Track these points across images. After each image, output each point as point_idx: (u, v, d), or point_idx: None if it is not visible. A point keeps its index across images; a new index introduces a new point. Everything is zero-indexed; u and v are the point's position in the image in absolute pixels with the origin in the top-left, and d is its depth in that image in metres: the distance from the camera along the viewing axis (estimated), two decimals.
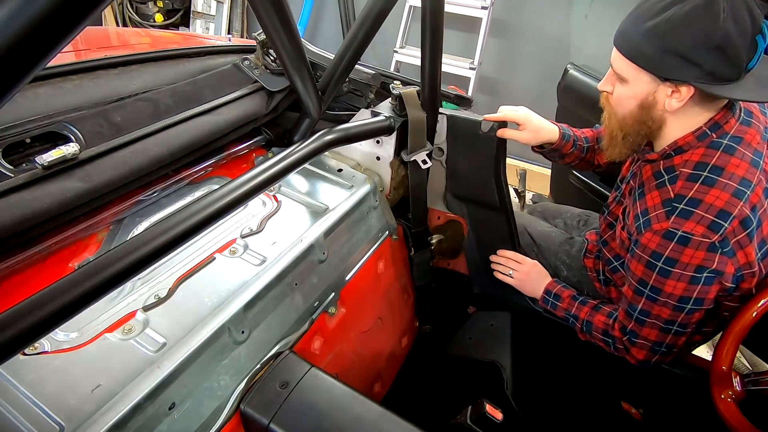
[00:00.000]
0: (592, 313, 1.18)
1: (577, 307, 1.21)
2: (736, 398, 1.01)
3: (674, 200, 0.89)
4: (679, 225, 0.87)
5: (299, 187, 1.20)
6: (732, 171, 0.88)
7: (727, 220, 0.85)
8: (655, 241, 0.91)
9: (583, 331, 1.20)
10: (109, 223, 1.00)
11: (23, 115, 0.92)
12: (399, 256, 1.43)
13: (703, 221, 0.86)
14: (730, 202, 0.86)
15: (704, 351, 2.27)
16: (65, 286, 0.56)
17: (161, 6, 4.10)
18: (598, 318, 1.16)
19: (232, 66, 1.31)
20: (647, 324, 1.00)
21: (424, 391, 1.49)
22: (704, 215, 0.86)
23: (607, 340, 1.13)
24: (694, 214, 0.87)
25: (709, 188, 0.87)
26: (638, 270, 0.97)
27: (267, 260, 0.95)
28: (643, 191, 0.98)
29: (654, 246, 0.91)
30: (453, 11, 2.99)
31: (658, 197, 0.93)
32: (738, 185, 0.87)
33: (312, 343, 1.04)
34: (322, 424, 0.81)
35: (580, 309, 1.20)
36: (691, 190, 0.88)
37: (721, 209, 0.86)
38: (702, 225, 0.86)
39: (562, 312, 1.25)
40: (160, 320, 0.80)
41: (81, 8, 0.33)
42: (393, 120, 1.22)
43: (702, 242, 0.86)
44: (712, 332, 1.16)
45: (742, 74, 0.84)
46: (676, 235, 0.88)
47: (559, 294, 1.26)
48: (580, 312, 1.20)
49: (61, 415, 0.64)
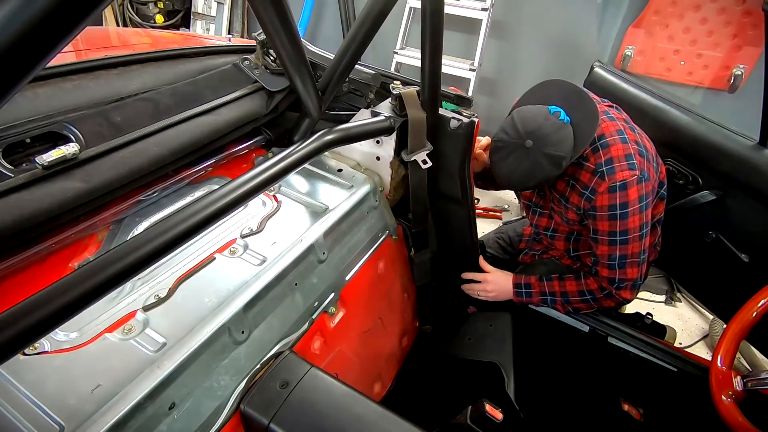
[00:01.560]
0: (562, 283, 1.36)
1: (547, 284, 1.37)
2: (736, 398, 1.01)
3: (597, 168, 1.17)
4: (614, 179, 1.15)
5: (299, 187, 1.20)
6: (606, 131, 1.19)
7: (633, 158, 1.15)
8: (606, 197, 1.16)
9: (563, 303, 1.36)
10: (109, 223, 1.00)
11: (23, 115, 0.92)
12: (399, 256, 1.43)
13: (623, 167, 1.14)
14: (624, 147, 1.16)
15: (704, 351, 2.27)
16: (65, 286, 0.56)
17: (162, 7, 4.10)
18: (569, 285, 1.35)
19: (232, 66, 1.31)
20: (627, 265, 1.23)
21: (424, 391, 1.49)
22: (621, 164, 1.15)
23: (585, 298, 1.33)
24: (616, 167, 1.15)
25: (608, 148, 1.17)
26: (604, 226, 1.20)
27: (267, 260, 0.95)
28: (571, 182, 1.25)
29: (607, 202, 1.17)
30: (453, 13, 3.00)
31: (586, 174, 1.20)
32: (617, 135, 1.18)
33: (312, 343, 1.04)
34: (322, 424, 0.81)
35: (551, 285, 1.37)
36: (600, 158, 1.17)
37: (626, 154, 1.15)
38: (626, 170, 1.14)
39: (538, 297, 1.39)
40: (160, 320, 0.80)
41: (81, 8, 0.33)
42: (393, 120, 1.22)
43: (632, 180, 1.14)
44: (655, 245, 1.45)
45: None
46: (617, 186, 1.14)
47: (528, 282, 1.40)
48: (552, 287, 1.37)
49: (61, 415, 0.64)
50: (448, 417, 1.30)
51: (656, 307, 2.46)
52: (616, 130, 1.20)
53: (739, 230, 1.48)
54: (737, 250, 1.46)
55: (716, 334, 2.29)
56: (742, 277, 1.49)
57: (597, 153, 1.18)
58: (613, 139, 1.18)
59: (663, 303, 2.51)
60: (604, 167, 1.17)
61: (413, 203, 1.35)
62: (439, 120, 1.28)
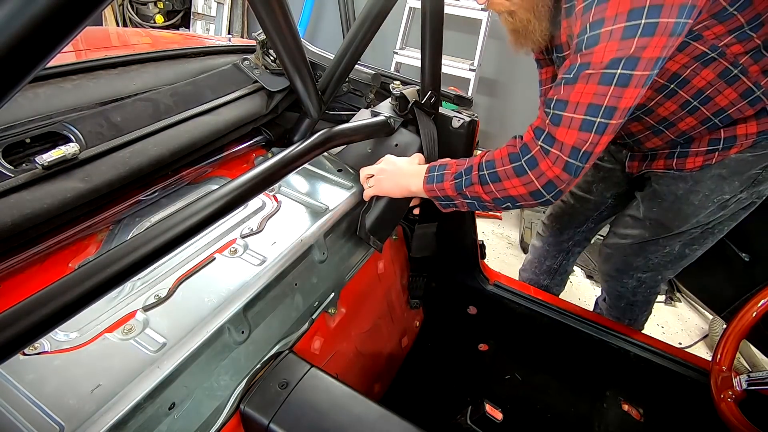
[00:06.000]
0: (489, 153, 1.00)
1: (468, 160, 1.03)
2: (736, 398, 1.01)
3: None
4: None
5: (299, 187, 1.20)
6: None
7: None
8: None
9: (486, 180, 0.98)
10: (109, 223, 1.00)
11: (23, 115, 0.92)
12: (399, 256, 1.43)
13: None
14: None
15: (704, 351, 2.27)
16: (65, 286, 0.56)
17: (162, 7, 4.10)
18: (498, 150, 0.98)
19: (232, 66, 1.31)
20: (563, 120, 0.86)
21: (424, 391, 1.50)
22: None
23: (518, 164, 0.93)
24: None
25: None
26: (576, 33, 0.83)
27: (267, 260, 0.95)
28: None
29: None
30: (453, 13, 3.00)
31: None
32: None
33: (312, 343, 1.04)
34: (322, 424, 0.81)
35: (471, 160, 1.02)
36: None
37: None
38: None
39: (451, 178, 1.03)
40: (160, 320, 0.80)
41: (81, 8, 0.33)
42: (393, 120, 1.22)
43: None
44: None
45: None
46: None
47: (444, 163, 1.07)
48: (473, 160, 1.01)
49: (61, 415, 0.64)
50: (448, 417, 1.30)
51: (656, 307, 2.46)
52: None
53: (740, 230, 1.49)
54: (738, 250, 1.47)
55: (716, 334, 2.29)
56: (742, 276, 1.49)
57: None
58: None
59: (663, 303, 2.51)
60: None
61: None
62: (440, 120, 1.28)
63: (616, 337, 1.45)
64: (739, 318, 1.04)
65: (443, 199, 1.07)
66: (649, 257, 1.42)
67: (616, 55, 0.79)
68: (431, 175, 1.06)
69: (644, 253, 1.42)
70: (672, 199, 1.28)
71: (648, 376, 1.41)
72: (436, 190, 1.06)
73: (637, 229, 1.41)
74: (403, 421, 0.82)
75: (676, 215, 1.29)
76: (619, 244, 1.48)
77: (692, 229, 1.30)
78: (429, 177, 1.07)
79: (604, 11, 0.78)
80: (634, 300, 1.58)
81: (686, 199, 1.25)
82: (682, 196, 1.25)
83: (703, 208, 1.24)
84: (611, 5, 0.77)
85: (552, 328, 1.52)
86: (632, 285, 1.52)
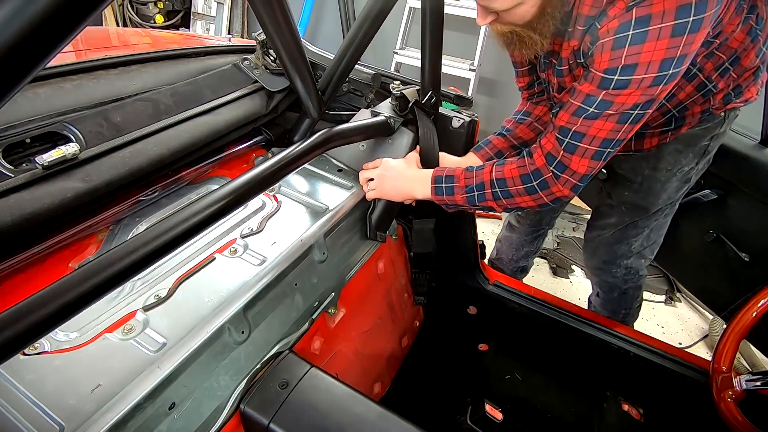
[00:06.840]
0: (497, 169, 1.03)
1: (476, 174, 1.05)
2: (736, 398, 1.01)
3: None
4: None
5: (299, 187, 1.20)
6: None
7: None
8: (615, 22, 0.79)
9: (498, 197, 1.04)
10: (109, 223, 1.00)
11: (23, 115, 0.92)
12: (399, 256, 1.43)
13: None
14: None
15: (704, 351, 2.27)
16: (65, 286, 0.56)
17: (162, 7, 4.11)
18: (507, 169, 1.02)
19: (232, 66, 1.31)
20: (578, 150, 0.92)
21: (424, 391, 1.50)
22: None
23: (530, 185, 1.00)
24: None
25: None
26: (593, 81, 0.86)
27: (267, 260, 0.95)
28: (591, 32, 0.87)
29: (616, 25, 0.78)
30: (453, 13, 3.00)
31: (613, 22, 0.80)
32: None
33: (312, 343, 1.05)
34: (322, 424, 0.81)
35: (480, 174, 1.04)
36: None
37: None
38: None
39: (462, 192, 1.06)
40: (160, 320, 0.80)
41: (81, 8, 0.33)
42: (393, 120, 1.22)
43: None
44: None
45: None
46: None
47: (451, 174, 1.08)
48: (482, 176, 1.04)
49: (61, 415, 0.64)
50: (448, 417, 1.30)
51: (656, 307, 2.46)
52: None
53: (740, 230, 1.49)
54: (738, 250, 1.47)
55: (716, 334, 2.29)
56: (742, 276, 1.49)
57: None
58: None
59: (663, 303, 2.51)
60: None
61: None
62: (440, 119, 1.28)
63: (616, 337, 1.45)
64: (739, 318, 1.04)
65: (452, 206, 1.14)
66: (631, 242, 1.47)
67: (639, 100, 0.85)
68: (439, 186, 1.10)
69: (626, 239, 1.47)
70: (640, 180, 1.34)
71: (648, 376, 1.41)
72: (446, 200, 1.11)
73: (614, 217, 1.46)
74: (403, 421, 0.82)
75: (647, 194, 1.35)
76: (601, 236, 1.53)
77: (665, 206, 1.38)
78: (437, 188, 1.10)
79: (639, 56, 0.79)
80: (626, 288, 1.63)
81: (653, 177, 1.31)
82: (648, 175, 1.32)
83: (669, 182, 1.31)
84: (646, 51, 0.78)
85: (552, 328, 1.52)
86: (621, 273, 1.57)
